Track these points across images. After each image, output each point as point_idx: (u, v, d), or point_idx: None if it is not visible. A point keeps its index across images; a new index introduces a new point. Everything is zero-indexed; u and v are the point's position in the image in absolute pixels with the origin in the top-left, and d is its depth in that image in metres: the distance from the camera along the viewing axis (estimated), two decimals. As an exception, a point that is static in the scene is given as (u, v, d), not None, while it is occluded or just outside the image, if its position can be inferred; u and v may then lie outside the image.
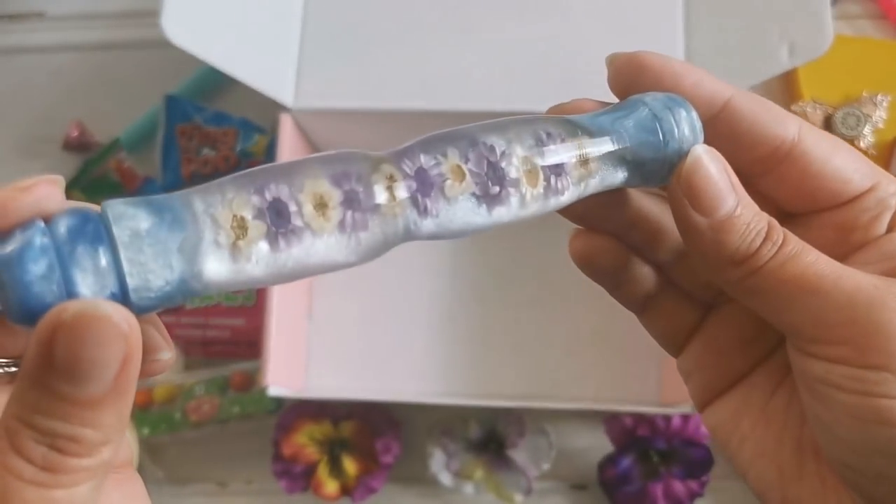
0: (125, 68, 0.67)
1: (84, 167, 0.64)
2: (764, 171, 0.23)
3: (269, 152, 0.61)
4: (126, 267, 0.17)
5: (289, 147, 0.55)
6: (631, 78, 0.23)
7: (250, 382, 0.58)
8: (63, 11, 0.69)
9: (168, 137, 0.63)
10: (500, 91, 0.53)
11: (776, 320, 0.22)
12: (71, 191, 0.64)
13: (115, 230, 0.17)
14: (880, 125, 0.59)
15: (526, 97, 0.53)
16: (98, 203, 0.19)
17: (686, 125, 0.22)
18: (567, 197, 0.22)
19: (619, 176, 0.22)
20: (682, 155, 0.22)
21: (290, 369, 0.57)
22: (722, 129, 0.23)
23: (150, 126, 0.64)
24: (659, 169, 0.22)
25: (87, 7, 0.68)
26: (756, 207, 0.22)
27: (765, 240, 0.21)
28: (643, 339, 0.58)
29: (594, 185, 0.22)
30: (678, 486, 0.54)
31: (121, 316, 0.16)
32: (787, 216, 0.24)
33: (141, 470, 0.59)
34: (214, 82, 0.64)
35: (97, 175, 0.64)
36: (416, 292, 0.60)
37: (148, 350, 0.20)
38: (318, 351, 0.60)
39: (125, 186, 0.63)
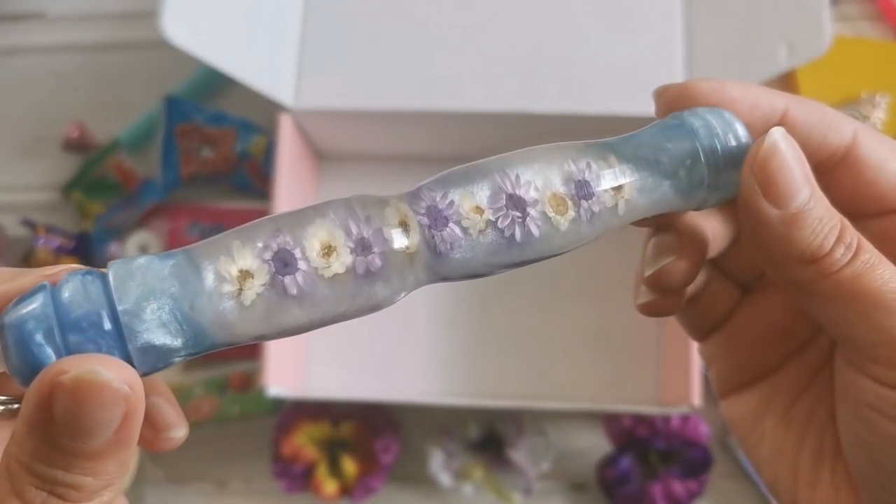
0: (125, 68, 0.67)
1: (84, 167, 0.64)
2: (816, 175, 0.22)
3: (269, 153, 0.61)
4: (115, 289, 0.17)
5: (288, 147, 0.55)
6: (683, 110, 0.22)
7: (249, 382, 0.58)
8: (63, 12, 0.69)
9: (168, 138, 0.63)
10: (500, 91, 0.53)
11: (836, 330, 0.21)
12: (71, 191, 0.64)
13: (111, 266, 0.17)
14: (879, 126, 0.59)
15: (526, 97, 0.53)
16: (97, 203, 0.19)
17: (715, 116, 0.21)
18: (604, 220, 0.21)
19: (665, 189, 0.21)
20: (724, 145, 0.21)
21: (290, 369, 0.57)
22: None
23: (150, 126, 0.64)
24: (707, 167, 0.21)
25: (87, 7, 0.68)
26: (828, 202, 0.20)
27: (837, 240, 0.20)
28: (643, 340, 0.58)
29: (638, 204, 0.21)
30: (677, 486, 0.54)
31: (121, 378, 0.16)
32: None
33: (141, 470, 0.59)
34: (214, 83, 0.64)
35: (97, 175, 0.64)
36: (416, 292, 0.60)
37: (162, 427, 0.20)
38: (317, 351, 0.60)
39: (125, 187, 0.63)
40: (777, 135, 0.20)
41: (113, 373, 0.16)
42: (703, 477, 0.55)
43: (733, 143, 0.21)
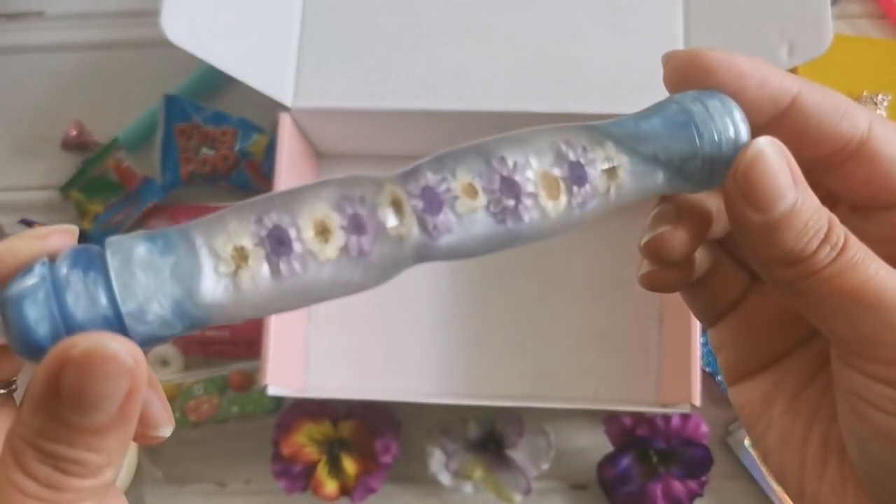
0: (124, 68, 0.67)
1: (83, 167, 0.64)
2: (829, 167, 0.22)
3: (269, 152, 0.61)
4: (118, 290, 0.17)
5: (288, 147, 0.55)
6: (690, 79, 0.22)
7: (249, 382, 0.58)
8: (62, 11, 0.69)
9: (167, 137, 0.63)
10: (500, 91, 0.53)
11: (823, 327, 0.21)
12: (70, 190, 0.64)
13: (109, 258, 0.18)
14: (880, 125, 0.58)
15: (526, 97, 0.53)
16: (96, 203, 0.20)
17: (723, 115, 0.21)
18: (595, 205, 0.21)
19: (657, 179, 0.21)
20: (726, 148, 0.21)
21: (290, 369, 0.57)
22: (788, 127, 0.21)
23: (149, 126, 0.64)
24: (702, 167, 0.21)
25: (86, 6, 0.68)
26: (817, 202, 0.20)
27: (823, 241, 0.20)
28: (643, 339, 0.58)
29: (628, 191, 0.21)
30: (677, 486, 0.54)
31: (127, 351, 0.17)
32: (850, 208, 0.23)
33: (140, 470, 0.59)
34: (214, 82, 0.64)
35: (96, 175, 0.64)
36: (416, 292, 0.60)
37: (150, 424, 0.20)
38: (317, 351, 0.60)
39: (124, 186, 0.63)
40: (762, 142, 0.20)
41: (120, 346, 0.17)
42: (704, 477, 0.55)
43: (733, 148, 0.21)
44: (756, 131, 0.22)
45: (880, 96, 0.59)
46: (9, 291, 0.17)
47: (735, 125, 0.21)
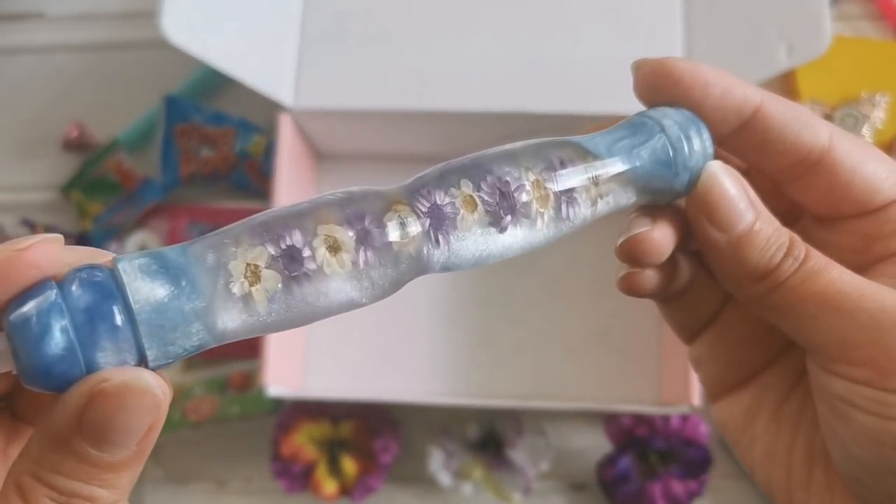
0: (124, 68, 0.67)
1: (83, 167, 0.64)
2: (792, 177, 0.23)
3: (268, 152, 0.61)
4: (146, 343, 0.17)
5: (288, 147, 0.55)
6: (659, 87, 0.23)
7: (249, 382, 0.58)
8: (63, 11, 0.69)
9: (167, 137, 0.63)
10: (500, 91, 0.53)
11: (798, 337, 0.22)
12: (70, 191, 0.64)
13: (134, 305, 0.17)
14: (879, 125, 0.59)
15: (525, 97, 0.53)
16: (97, 203, 0.19)
17: (700, 151, 0.22)
18: (580, 221, 0.22)
19: (630, 197, 0.23)
20: (693, 176, 0.22)
21: (289, 369, 0.57)
22: (751, 135, 0.22)
23: (150, 126, 0.64)
24: (669, 192, 0.23)
25: (86, 7, 0.68)
26: (776, 223, 0.22)
27: (786, 255, 0.21)
28: (643, 340, 0.58)
29: (605, 207, 0.22)
30: (677, 486, 0.54)
31: (161, 387, 0.17)
32: (814, 219, 0.24)
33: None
34: (214, 82, 0.64)
35: (96, 175, 0.64)
36: (416, 292, 0.60)
37: None
38: (317, 351, 0.60)
39: (124, 186, 0.63)
40: (715, 166, 0.22)
41: (155, 381, 0.17)
42: (703, 477, 0.55)
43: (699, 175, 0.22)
44: (721, 140, 0.23)
45: (878, 97, 0.59)
46: (15, 316, 0.16)
47: (706, 159, 0.22)
